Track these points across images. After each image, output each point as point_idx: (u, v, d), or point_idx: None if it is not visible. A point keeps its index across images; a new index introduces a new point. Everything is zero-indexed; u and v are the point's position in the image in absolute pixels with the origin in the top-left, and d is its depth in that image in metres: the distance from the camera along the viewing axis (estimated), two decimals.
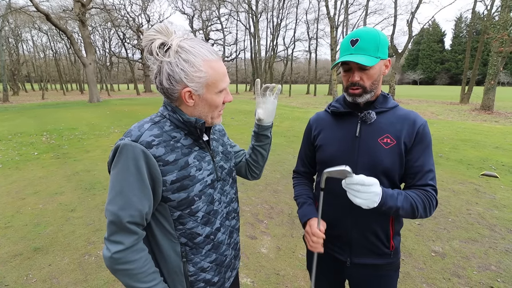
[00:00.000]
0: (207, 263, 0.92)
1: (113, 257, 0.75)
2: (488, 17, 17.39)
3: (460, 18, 62.79)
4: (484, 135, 8.03)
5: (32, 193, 4.02)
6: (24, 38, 44.42)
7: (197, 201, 0.86)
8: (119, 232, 0.76)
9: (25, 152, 6.34)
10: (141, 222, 0.79)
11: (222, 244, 0.97)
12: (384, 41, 0.97)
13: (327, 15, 18.40)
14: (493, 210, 3.42)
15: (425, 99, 24.23)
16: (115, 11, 32.83)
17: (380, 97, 1.06)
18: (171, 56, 0.77)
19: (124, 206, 0.76)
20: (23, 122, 11.11)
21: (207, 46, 0.82)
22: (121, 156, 0.76)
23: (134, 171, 0.76)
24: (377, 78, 0.99)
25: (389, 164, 0.99)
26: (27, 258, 2.55)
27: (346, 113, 1.09)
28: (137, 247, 0.79)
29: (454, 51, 78.60)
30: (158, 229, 0.86)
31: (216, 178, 0.95)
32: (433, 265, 2.42)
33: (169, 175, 0.81)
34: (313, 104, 20.48)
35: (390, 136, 1.01)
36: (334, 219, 1.09)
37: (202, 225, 0.89)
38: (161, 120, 0.86)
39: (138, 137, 0.78)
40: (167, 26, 0.80)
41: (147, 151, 0.77)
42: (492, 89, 13.62)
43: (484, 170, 4.87)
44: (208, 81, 0.81)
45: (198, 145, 0.90)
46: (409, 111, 1.05)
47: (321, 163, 1.14)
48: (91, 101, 20.67)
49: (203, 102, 0.84)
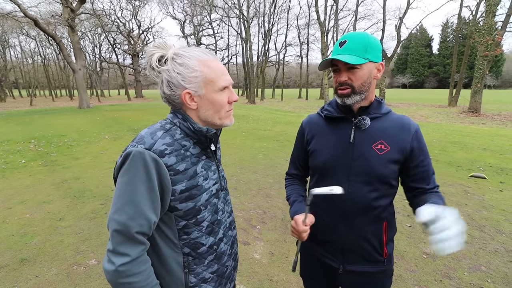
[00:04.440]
0: (208, 274, 0.90)
1: (118, 270, 0.71)
2: (473, 22, 17.97)
3: (447, 23, 64.66)
4: (472, 137, 8.22)
5: (19, 202, 3.91)
6: (12, 43, 43.69)
7: (203, 210, 0.86)
8: (125, 242, 0.73)
9: (12, 160, 6.17)
10: (148, 232, 0.77)
11: (224, 254, 0.95)
12: (374, 44, 0.96)
13: (318, 20, 18.68)
14: (482, 211, 3.48)
15: (414, 102, 24.72)
16: (105, 17, 32.59)
17: (375, 103, 1.05)
18: (169, 64, 0.80)
19: (134, 216, 0.73)
20: (10, 129, 10.84)
21: (202, 49, 0.84)
22: (132, 163, 0.74)
23: (145, 179, 0.74)
24: (367, 80, 0.97)
25: (383, 171, 0.99)
26: (13, 269, 2.47)
27: (339, 118, 1.07)
28: (142, 258, 0.76)
29: (441, 55, 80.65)
30: (160, 239, 0.84)
31: (220, 187, 0.94)
32: (425, 267, 2.44)
33: (179, 184, 0.80)
34: (305, 108, 20.64)
35: (384, 142, 1.00)
36: (327, 225, 1.08)
37: (207, 235, 0.88)
38: (171, 127, 0.84)
39: (151, 145, 0.76)
40: (165, 41, 0.84)
41: (159, 160, 0.75)
42: (479, 92, 14.00)
43: (472, 171, 4.97)
44: (206, 79, 0.81)
45: (206, 154, 0.90)
46: (402, 116, 1.06)
47: (314, 169, 1.13)
48: (81, 107, 20.35)
49: (206, 102, 0.84)
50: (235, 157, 6.28)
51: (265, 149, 6.99)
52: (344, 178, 1.02)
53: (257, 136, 8.91)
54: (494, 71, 61.80)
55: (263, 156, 6.32)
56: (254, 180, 4.72)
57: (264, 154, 6.50)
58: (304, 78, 39.52)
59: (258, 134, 9.16)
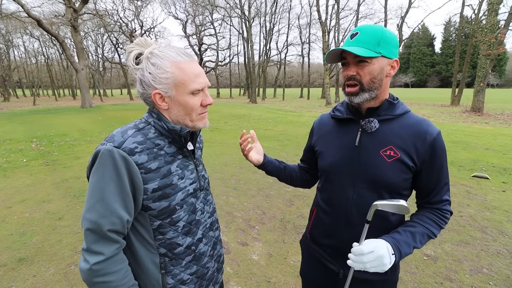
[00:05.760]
0: (187, 275, 0.89)
1: (92, 269, 0.71)
2: (475, 21, 17.79)
3: (449, 22, 64.13)
4: (475, 136, 8.14)
5: (19, 201, 3.91)
6: (16, 43, 43.91)
7: (178, 210, 0.84)
8: (99, 241, 0.73)
9: (13, 159, 6.19)
10: (122, 230, 0.76)
11: (204, 255, 0.94)
12: (389, 38, 0.88)
13: (319, 20, 18.65)
14: (484, 212, 3.44)
15: (416, 102, 24.57)
16: (108, 17, 32.67)
17: (386, 103, 0.94)
18: (143, 63, 0.80)
19: (105, 214, 0.73)
20: (13, 128, 10.90)
21: (178, 49, 0.82)
22: (102, 162, 0.74)
23: (115, 177, 0.73)
24: (378, 76, 0.88)
25: (391, 179, 0.91)
26: (11, 269, 2.46)
27: (347, 119, 1.01)
28: (118, 257, 0.76)
29: (444, 54, 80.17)
30: (136, 239, 0.83)
31: (199, 187, 0.93)
32: (425, 269, 2.41)
33: (151, 183, 0.79)
34: (306, 107, 20.58)
35: (394, 148, 0.91)
36: (329, 229, 1.05)
37: (183, 235, 0.87)
38: (145, 126, 0.84)
39: (121, 143, 0.76)
40: (146, 38, 0.83)
41: (129, 158, 0.75)
42: (481, 91, 13.88)
43: (475, 171, 4.91)
44: (176, 81, 0.80)
45: (182, 153, 0.89)
46: (421, 120, 0.94)
47: (321, 171, 1.10)
48: (83, 106, 20.44)
49: (176, 104, 0.83)
50: (235, 156, 6.27)
51: (266, 149, 6.97)
52: (349, 184, 0.97)
53: (258, 135, 8.88)
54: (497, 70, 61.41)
55: None
56: (254, 180, 4.70)
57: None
58: (306, 78, 39.40)
59: (259, 134, 9.14)
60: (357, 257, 0.84)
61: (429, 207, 0.97)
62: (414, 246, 0.90)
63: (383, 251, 0.82)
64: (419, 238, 0.91)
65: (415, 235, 0.91)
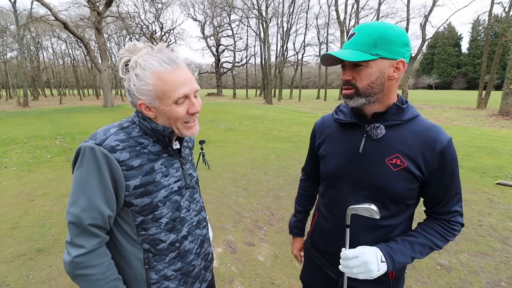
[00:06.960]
0: (171, 271, 0.90)
1: (73, 261, 0.74)
2: (506, 19, 16.83)
3: (477, 20, 61.00)
4: (501, 141, 7.69)
5: (41, 195, 4.13)
6: (44, 45, 46.45)
7: (161, 207, 0.86)
8: (80, 235, 0.75)
9: (38, 155, 6.55)
10: (104, 225, 0.79)
11: (190, 253, 0.94)
12: (390, 36, 0.79)
13: (337, 19, 18.37)
14: (506, 222, 3.24)
15: (440, 104, 23.57)
16: (130, 19, 33.84)
17: (393, 108, 0.87)
18: (130, 72, 0.81)
19: (85, 208, 0.75)
20: (40, 126, 11.53)
21: (162, 57, 0.80)
22: (83, 158, 0.77)
23: (96, 174, 0.76)
24: (377, 80, 0.82)
25: (396, 189, 0.85)
26: (29, 258, 2.61)
27: (351, 124, 0.95)
28: (100, 251, 0.78)
29: (471, 54, 76.40)
30: (120, 234, 0.85)
31: (184, 185, 0.94)
32: (438, 279, 2.30)
33: (133, 180, 0.80)
34: (322, 109, 20.29)
35: (401, 156, 0.85)
36: (329, 236, 1.03)
37: (166, 232, 0.88)
38: (130, 125, 0.86)
39: (102, 140, 0.78)
40: (135, 43, 0.83)
41: (110, 155, 0.77)
42: (510, 94, 13.10)
43: (499, 178, 4.64)
44: (158, 93, 0.79)
45: (167, 152, 0.90)
46: (431, 126, 0.88)
47: (323, 176, 1.07)
48: (105, 106, 21.27)
49: (161, 114, 0.83)
50: (248, 157, 6.28)
51: (279, 150, 6.94)
52: (349, 192, 0.94)
53: (272, 136, 8.86)
54: None
55: (275, 157, 6.27)
56: (264, 181, 4.69)
57: (277, 155, 6.45)
58: (323, 79, 38.89)
59: (273, 135, 9.12)
60: (343, 262, 0.84)
61: (436, 217, 0.93)
62: (412, 256, 0.87)
63: (369, 257, 0.81)
64: (419, 249, 0.88)
65: (414, 245, 0.88)
